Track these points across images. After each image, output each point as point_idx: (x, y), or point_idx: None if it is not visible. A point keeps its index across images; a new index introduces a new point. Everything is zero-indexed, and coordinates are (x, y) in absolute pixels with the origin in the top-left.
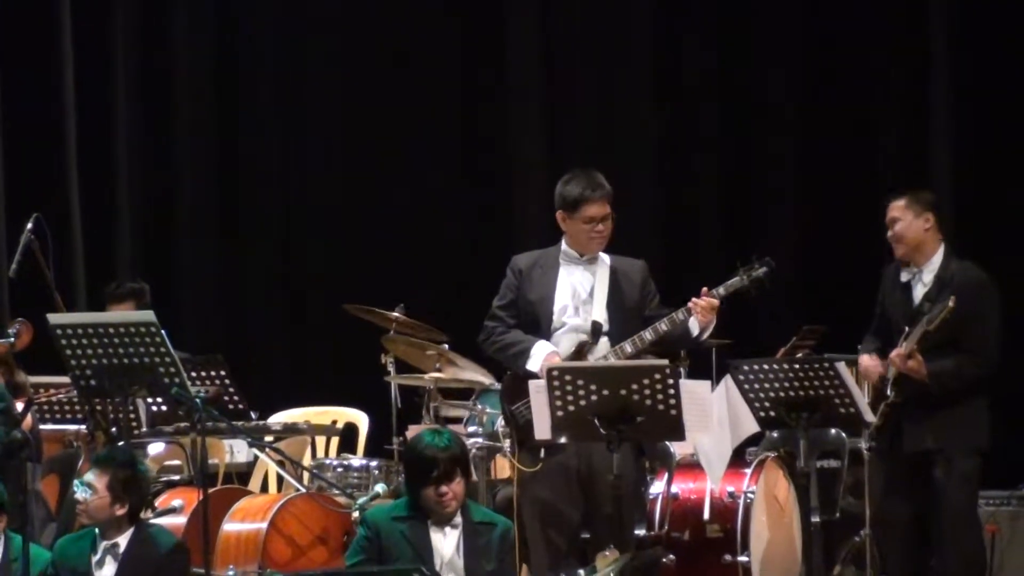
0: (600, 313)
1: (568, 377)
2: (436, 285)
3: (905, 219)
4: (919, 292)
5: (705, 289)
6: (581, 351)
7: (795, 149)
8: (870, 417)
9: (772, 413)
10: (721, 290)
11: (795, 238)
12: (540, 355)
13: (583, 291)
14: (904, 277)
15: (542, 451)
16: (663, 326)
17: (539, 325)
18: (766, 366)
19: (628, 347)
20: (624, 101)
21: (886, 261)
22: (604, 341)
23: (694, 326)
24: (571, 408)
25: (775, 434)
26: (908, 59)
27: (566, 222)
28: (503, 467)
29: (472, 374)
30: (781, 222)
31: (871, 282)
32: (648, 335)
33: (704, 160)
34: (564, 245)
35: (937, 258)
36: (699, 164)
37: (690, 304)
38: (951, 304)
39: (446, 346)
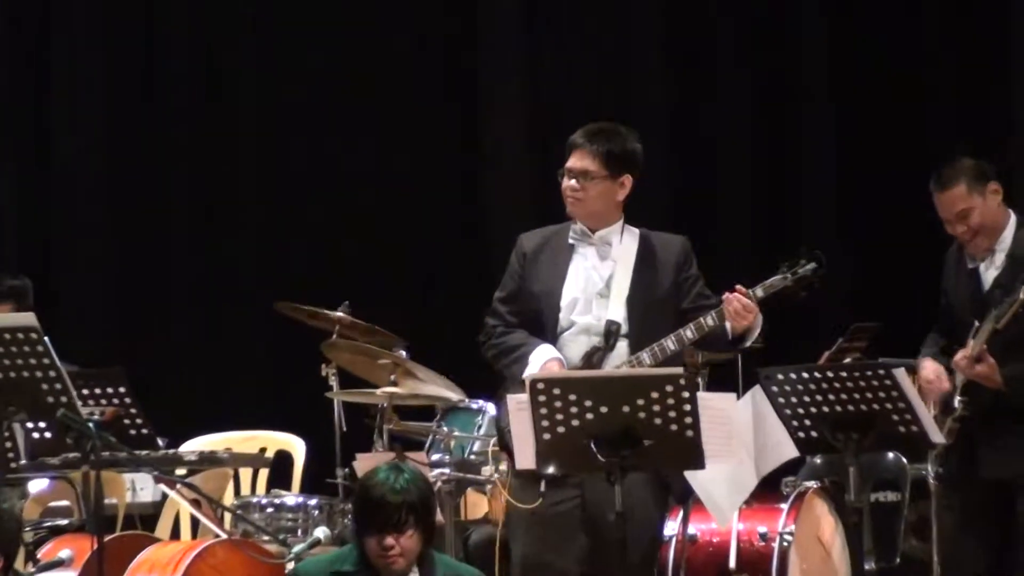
0: (618, 310)
1: (556, 390)
2: (390, 278)
3: (976, 206)
4: (990, 276)
5: (739, 288)
6: (591, 359)
7: (836, 118)
8: (938, 437)
9: (814, 433)
10: (759, 291)
11: (839, 219)
12: (538, 362)
13: (599, 280)
14: (971, 263)
15: (542, 484)
16: (688, 333)
17: (543, 325)
18: (806, 374)
19: (647, 357)
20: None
21: (949, 241)
22: (623, 346)
23: (730, 330)
24: (560, 429)
25: (818, 460)
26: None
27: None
28: (475, 504)
29: (436, 388)
30: (821, 203)
31: (934, 268)
32: (671, 344)
33: (729, 131)
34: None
35: (1008, 231)
36: (723, 134)
37: (724, 300)
38: (1020, 296)
39: (403, 353)
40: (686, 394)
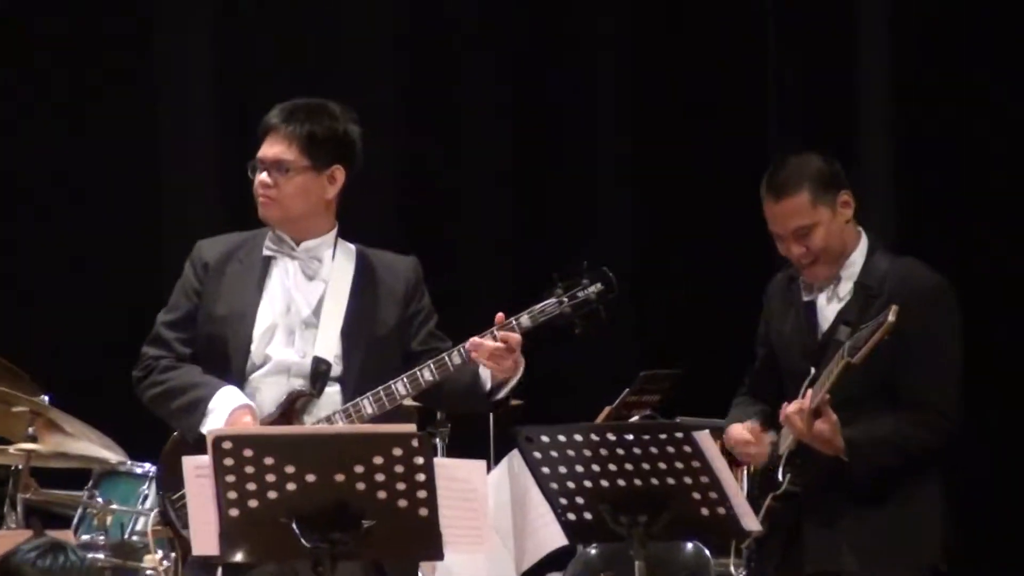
0: (329, 344)
1: (248, 451)
2: (28, 298)
3: (822, 221)
4: (831, 311)
5: (500, 317)
6: (293, 407)
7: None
8: (752, 524)
9: (588, 515)
10: (525, 319)
11: (629, 230)
12: (223, 411)
13: (304, 304)
14: (807, 295)
15: (219, 572)
16: (427, 374)
17: (227, 360)
18: (579, 436)
19: (369, 406)
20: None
21: (771, 268)
22: (333, 392)
23: (486, 376)
24: (252, 503)
25: (593, 551)
26: None
27: None
28: None
29: (88, 446)
30: (612, 200)
31: (752, 298)
32: (401, 388)
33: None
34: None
35: (858, 254)
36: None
37: (469, 343)
38: (891, 318)
39: (45, 399)
40: (420, 459)
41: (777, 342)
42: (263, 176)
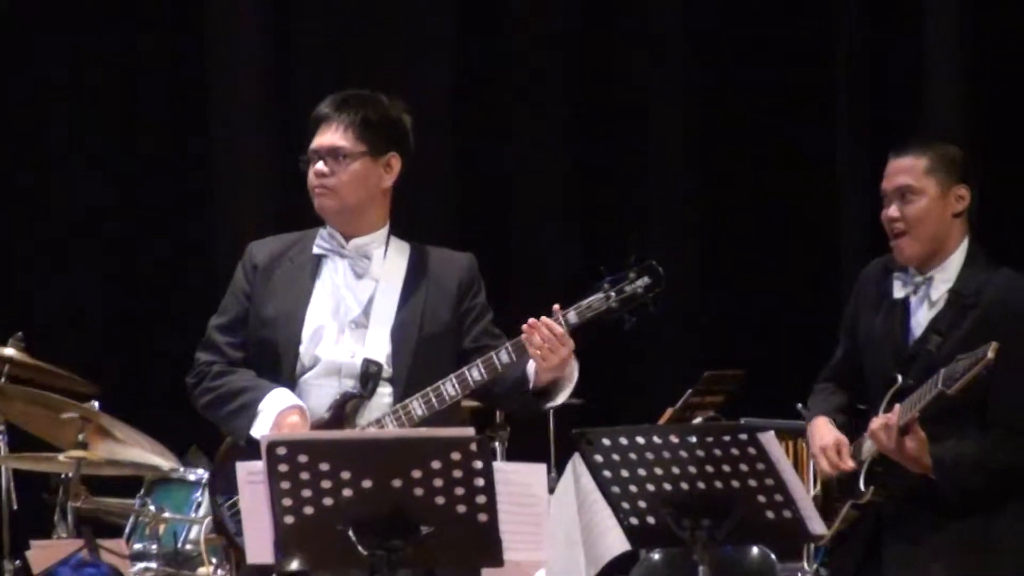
0: (380, 345)
1: (303, 457)
2: (76, 302)
3: (926, 191)
4: (923, 316)
5: (557, 307)
6: (343, 410)
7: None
8: (819, 528)
9: (651, 519)
10: (572, 315)
11: (693, 229)
12: (271, 413)
13: (354, 304)
14: (899, 290)
15: None
16: (475, 374)
17: (278, 362)
18: (640, 439)
19: (419, 407)
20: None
21: (857, 256)
22: (385, 393)
23: (531, 373)
24: (307, 510)
25: (656, 556)
26: None
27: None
28: None
29: (140, 453)
30: (669, 207)
31: (816, 300)
32: (450, 388)
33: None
34: (327, 225)
35: (956, 260)
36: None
37: (523, 335)
38: (990, 355)
39: (95, 404)
40: (479, 464)
41: (865, 340)
42: (319, 166)
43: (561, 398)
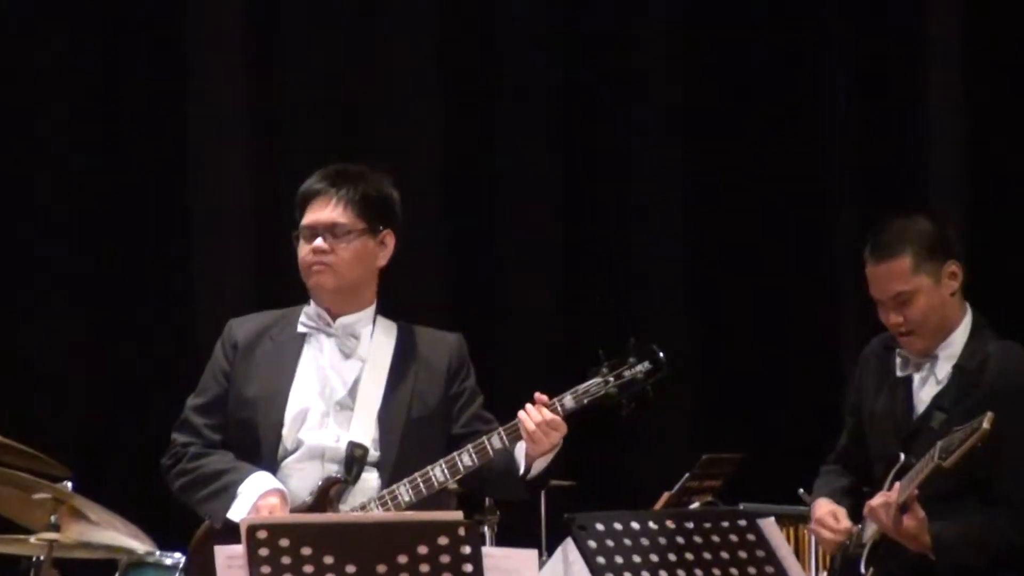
0: (365, 428)
1: (285, 541)
2: (50, 376)
3: (920, 288)
4: (926, 393)
5: (542, 397)
6: (327, 495)
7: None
8: None
9: None
10: (569, 400)
11: (689, 310)
12: (251, 495)
13: (339, 385)
14: (902, 368)
15: None
16: (466, 459)
17: (259, 445)
18: (636, 524)
19: (406, 493)
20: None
21: (857, 335)
22: (371, 478)
23: (521, 456)
24: None
25: None
26: None
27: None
28: None
29: (114, 535)
30: (665, 285)
31: (822, 378)
32: (439, 474)
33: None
34: (312, 303)
35: (959, 336)
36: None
37: (518, 420)
38: (986, 425)
39: (68, 485)
40: (467, 549)
41: (868, 418)
42: (318, 242)
43: (537, 472)
